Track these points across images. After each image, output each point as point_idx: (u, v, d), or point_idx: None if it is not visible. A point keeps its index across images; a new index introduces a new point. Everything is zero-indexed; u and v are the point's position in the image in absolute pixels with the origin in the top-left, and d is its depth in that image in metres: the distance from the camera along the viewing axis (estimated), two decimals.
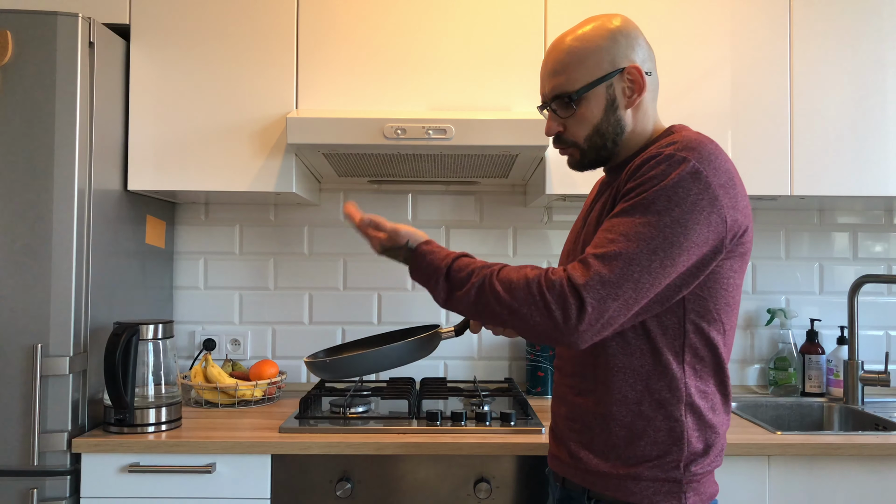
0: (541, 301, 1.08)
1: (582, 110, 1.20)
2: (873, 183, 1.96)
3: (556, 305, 1.07)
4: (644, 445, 1.16)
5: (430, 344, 1.34)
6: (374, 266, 2.31)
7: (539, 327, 1.08)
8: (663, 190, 1.08)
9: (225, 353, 2.28)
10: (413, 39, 1.94)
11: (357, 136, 1.77)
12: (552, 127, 1.24)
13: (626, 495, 1.16)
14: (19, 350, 1.62)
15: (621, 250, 1.07)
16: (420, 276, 1.24)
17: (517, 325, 1.11)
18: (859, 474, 1.63)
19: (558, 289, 1.07)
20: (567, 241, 1.38)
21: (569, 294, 1.06)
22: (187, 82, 1.92)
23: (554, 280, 1.08)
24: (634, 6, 1.96)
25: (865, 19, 1.97)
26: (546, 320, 1.07)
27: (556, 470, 1.30)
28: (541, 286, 1.08)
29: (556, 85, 1.21)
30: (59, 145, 1.64)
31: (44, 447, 1.61)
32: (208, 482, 1.62)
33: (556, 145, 1.26)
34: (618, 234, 1.08)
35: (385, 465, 1.62)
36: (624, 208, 1.11)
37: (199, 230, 2.30)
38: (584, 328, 1.06)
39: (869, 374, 2.03)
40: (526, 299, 1.09)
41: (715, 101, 1.96)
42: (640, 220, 1.08)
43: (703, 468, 1.17)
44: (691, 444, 1.15)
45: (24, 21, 1.64)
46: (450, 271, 1.20)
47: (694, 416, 1.16)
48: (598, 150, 1.23)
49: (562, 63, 1.20)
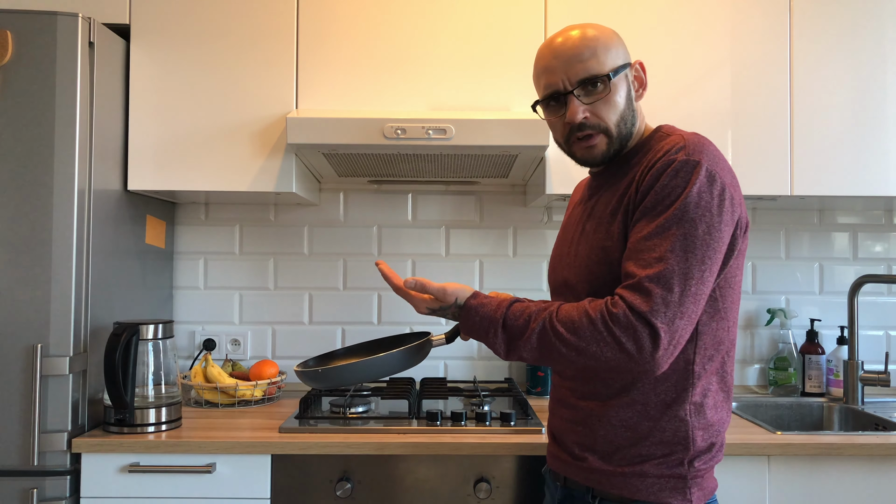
0: (609, 336, 1.07)
1: (611, 94, 1.20)
2: (873, 183, 1.96)
3: (627, 338, 1.07)
4: (649, 445, 1.17)
5: (422, 352, 1.33)
6: (374, 266, 2.31)
7: (612, 362, 1.08)
8: (690, 198, 1.09)
9: (225, 353, 2.28)
10: (413, 39, 1.94)
11: (357, 136, 1.77)
12: (577, 112, 1.20)
13: (631, 492, 1.17)
14: (19, 350, 1.62)
15: (673, 267, 1.07)
16: (475, 331, 1.22)
17: (588, 363, 1.10)
18: (859, 474, 1.63)
19: (624, 321, 1.07)
20: (558, 244, 1.37)
21: (637, 324, 1.06)
22: (187, 82, 1.92)
23: (617, 313, 1.07)
24: (634, 6, 1.96)
25: (865, 19, 1.97)
26: (619, 354, 1.07)
27: (557, 469, 1.30)
28: (606, 321, 1.08)
29: (586, 68, 1.19)
30: (59, 145, 1.64)
31: (44, 447, 1.61)
32: (208, 482, 1.62)
33: (581, 133, 1.22)
34: (663, 251, 1.08)
35: (385, 465, 1.62)
36: (659, 223, 1.10)
37: (199, 230, 2.30)
38: (660, 354, 1.06)
39: (869, 374, 2.03)
40: (593, 337, 1.09)
41: (715, 101, 1.96)
42: (679, 231, 1.09)
43: (706, 464, 1.18)
44: (696, 442, 1.17)
45: (24, 21, 1.64)
46: (505, 320, 1.18)
47: (698, 415, 1.17)
48: (622, 139, 1.23)
49: (589, 49, 1.20)
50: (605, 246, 1.19)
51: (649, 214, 1.12)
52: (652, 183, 1.14)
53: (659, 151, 1.17)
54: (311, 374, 1.30)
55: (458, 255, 2.32)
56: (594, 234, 1.22)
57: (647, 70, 1.94)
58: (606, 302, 1.10)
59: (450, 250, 2.32)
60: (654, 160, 1.16)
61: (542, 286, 2.31)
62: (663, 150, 1.17)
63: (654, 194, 1.12)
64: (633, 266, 1.11)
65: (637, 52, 1.94)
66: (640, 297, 1.07)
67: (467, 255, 2.32)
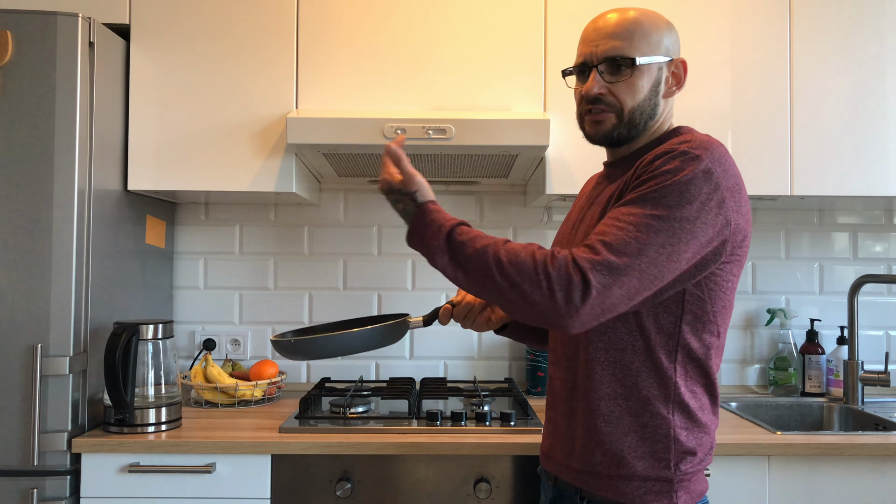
0: (544, 279, 1.05)
1: (635, 79, 1.20)
2: (873, 183, 1.96)
3: (560, 286, 1.04)
4: (631, 441, 1.16)
5: (398, 331, 1.35)
6: (374, 266, 2.31)
7: (538, 306, 1.06)
8: (675, 185, 1.08)
9: (225, 353, 2.28)
10: (413, 39, 1.94)
11: (357, 136, 1.77)
12: (595, 86, 1.21)
13: (617, 495, 1.16)
14: (19, 350, 1.62)
15: (631, 239, 1.06)
16: (419, 232, 1.17)
17: (513, 299, 1.07)
18: (859, 474, 1.63)
19: (563, 269, 1.05)
20: (560, 234, 1.37)
21: (574, 275, 1.04)
22: (187, 82, 1.92)
23: (559, 259, 1.06)
24: (634, 6, 1.96)
25: (865, 19, 1.97)
26: (545, 300, 1.05)
27: (548, 469, 1.30)
28: (546, 264, 1.06)
29: (616, 47, 1.20)
30: (59, 145, 1.64)
31: (44, 447, 1.61)
32: (208, 482, 1.62)
33: (594, 105, 1.22)
34: (627, 223, 1.07)
35: (385, 465, 1.62)
36: (634, 198, 1.10)
37: (199, 230, 2.30)
38: (584, 311, 1.04)
39: (869, 374, 2.03)
40: (530, 276, 1.06)
41: (715, 101, 1.96)
42: (651, 212, 1.07)
43: (693, 467, 1.17)
44: (679, 441, 1.15)
45: (24, 21, 1.64)
46: (452, 233, 1.14)
47: (682, 414, 1.16)
48: (633, 125, 1.22)
49: (627, 30, 1.20)
50: None
51: (632, 190, 1.13)
52: (646, 166, 1.14)
53: (668, 146, 1.16)
54: (286, 343, 1.33)
55: None
56: (591, 221, 1.23)
57: None
58: (554, 249, 1.10)
59: None
60: (659, 151, 1.15)
61: None
62: (672, 143, 1.16)
63: (646, 175, 1.12)
64: (597, 228, 1.11)
65: None
66: (588, 253, 1.06)
67: None
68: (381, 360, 2.31)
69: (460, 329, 2.30)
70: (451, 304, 1.39)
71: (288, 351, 1.34)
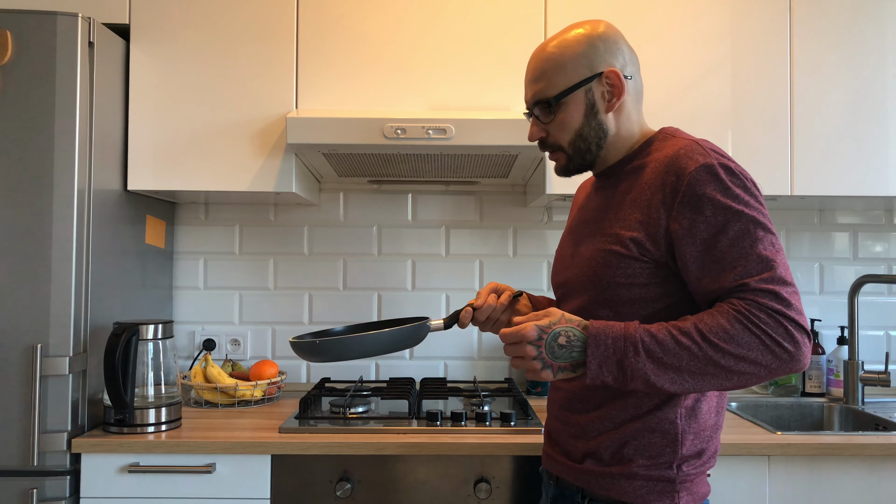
0: (769, 340, 1.02)
1: (562, 115, 1.22)
2: (873, 183, 1.96)
3: (784, 339, 1.02)
4: (639, 446, 1.16)
5: (418, 334, 1.35)
6: (374, 266, 2.31)
7: (772, 367, 1.03)
8: (729, 195, 1.08)
9: (225, 353, 2.28)
10: (413, 39, 1.94)
11: (357, 136, 1.77)
12: (535, 133, 1.27)
13: (619, 494, 1.16)
14: (19, 350, 1.62)
15: (767, 257, 1.06)
16: (608, 353, 1.06)
17: (747, 371, 1.03)
18: (859, 474, 1.63)
19: (774, 322, 1.02)
20: (561, 245, 1.36)
21: (787, 323, 1.02)
22: (187, 82, 1.92)
23: (767, 319, 1.03)
24: (634, 6, 1.96)
25: (865, 19, 1.97)
26: (776, 358, 1.03)
27: (550, 469, 1.30)
28: (761, 328, 1.02)
29: (537, 91, 1.23)
30: (59, 145, 1.64)
31: (44, 447, 1.61)
32: (208, 482, 1.62)
33: (543, 149, 1.28)
34: (745, 252, 1.06)
35: (385, 465, 1.62)
36: (719, 229, 1.07)
37: (198, 230, 2.30)
38: (806, 344, 1.04)
39: (869, 374, 2.03)
40: (751, 343, 1.02)
41: (715, 101, 1.96)
42: (743, 227, 1.07)
43: (696, 469, 1.17)
44: (685, 445, 1.15)
45: (24, 21, 1.64)
46: (643, 336, 1.05)
47: (690, 418, 1.16)
48: (583, 154, 1.24)
49: (541, 70, 1.23)
50: (613, 250, 1.16)
51: (694, 226, 1.09)
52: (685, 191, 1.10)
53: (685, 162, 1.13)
54: (307, 345, 1.31)
55: (458, 255, 2.32)
56: (600, 238, 1.20)
57: (648, 70, 1.95)
58: (740, 305, 1.04)
59: (450, 250, 2.32)
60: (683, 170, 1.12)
61: (542, 286, 2.31)
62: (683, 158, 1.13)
63: (691, 202, 1.10)
64: (733, 272, 1.06)
65: (637, 51, 1.94)
66: (770, 296, 1.03)
67: (467, 255, 2.32)
68: (381, 361, 2.31)
69: (460, 329, 2.30)
70: (473, 307, 1.37)
71: (308, 353, 1.32)
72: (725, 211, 1.07)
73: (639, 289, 1.14)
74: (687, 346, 1.04)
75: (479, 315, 1.36)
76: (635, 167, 1.21)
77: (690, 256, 1.09)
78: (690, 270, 1.10)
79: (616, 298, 1.16)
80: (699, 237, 1.08)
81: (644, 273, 1.14)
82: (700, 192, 1.09)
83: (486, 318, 1.36)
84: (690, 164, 1.11)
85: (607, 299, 1.17)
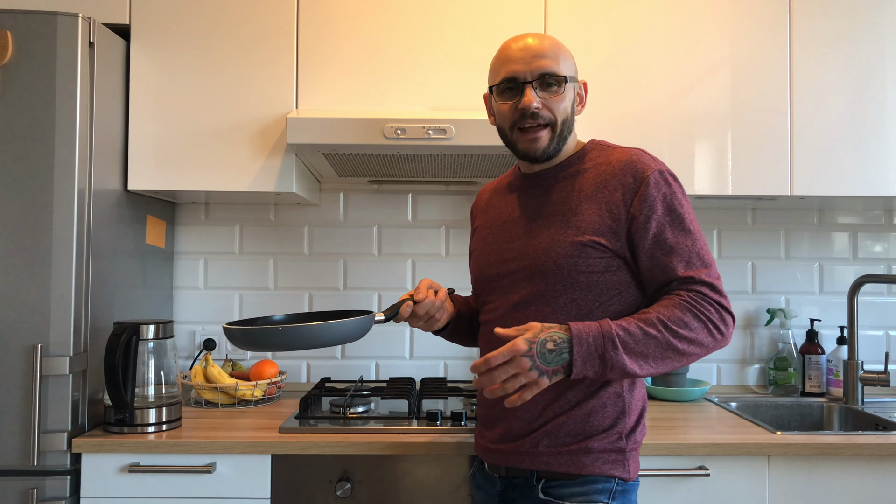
0: (712, 326, 1.22)
1: (564, 95, 1.31)
2: (873, 183, 1.96)
3: (721, 323, 1.22)
4: (594, 421, 1.26)
5: (368, 325, 1.34)
6: (374, 266, 2.31)
7: (710, 347, 1.23)
8: (676, 199, 1.27)
9: (225, 353, 2.28)
10: (413, 39, 1.94)
11: (357, 136, 1.77)
12: (533, 100, 1.28)
13: (578, 468, 1.25)
14: (19, 350, 1.62)
15: (703, 256, 1.25)
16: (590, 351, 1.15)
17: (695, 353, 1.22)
18: (859, 474, 1.63)
19: (715, 310, 1.22)
20: (490, 242, 1.40)
21: (723, 311, 1.23)
22: (187, 82, 1.92)
23: (710, 308, 1.22)
24: (635, 6, 1.96)
25: (865, 19, 1.97)
26: (717, 342, 1.23)
27: (496, 462, 1.34)
28: (707, 315, 1.21)
29: (548, 65, 1.29)
30: (59, 145, 1.64)
31: (44, 447, 1.61)
32: (208, 482, 1.62)
33: (532, 121, 1.29)
34: (688, 248, 1.25)
35: (385, 465, 1.62)
36: (668, 225, 1.25)
37: (199, 230, 2.30)
38: (732, 325, 1.25)
39: (869, 374, 2.03)
40: (701, 327, 1.21)
41: (715, 101, 1.96)
42: (687, 226, 1.26)
43: (638, 436, 1.30)
44: (630, 415, 1.28)
45: (24, 21, 1.64)
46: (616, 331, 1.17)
47: (630, 391, 1.29)
48: (562, 138, 1.33)
49: (553, 50, 1.31)
50: (578, 241, 1.26)
51: (647, 223, 1.25)
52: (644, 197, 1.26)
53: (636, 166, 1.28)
54: (236, 332, 1.31)
55: (458, 255, 2.32)
56: (561, 230, 1.28)
57: (648, 69, 1.95)
58: (688, 297, 1.21)
59: (450, 250, 2.32)
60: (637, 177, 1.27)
61: None
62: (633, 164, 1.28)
63: (647, 205, 1.26)
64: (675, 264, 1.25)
65: (637, 51, 1.95)
66: (708, 288, 1.23)
67: (467, 255, 2.32)
68: (381, 360, 2.31)
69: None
70: (414, 300, 1.39)
71: (238, 340, 1.32)
72: (672, 212, 1.25)
73: (597, 276, 1.26)
74: (653, 335, 1.18)
75: (419, 309, 1.40)
76: (574, 171, 1.33)
77: (643, 248, 1.25)
78: (642, 261, 1.26)
79: (575, 285, 1.26)
80: (651, 232, 1.25)
81: (602, 262, 1.26)
82: (655, 194, 1.25)
83: (424, 313, 1.40)
84: (646, 168, 1.27)
85: (566, 286, 1.27)
